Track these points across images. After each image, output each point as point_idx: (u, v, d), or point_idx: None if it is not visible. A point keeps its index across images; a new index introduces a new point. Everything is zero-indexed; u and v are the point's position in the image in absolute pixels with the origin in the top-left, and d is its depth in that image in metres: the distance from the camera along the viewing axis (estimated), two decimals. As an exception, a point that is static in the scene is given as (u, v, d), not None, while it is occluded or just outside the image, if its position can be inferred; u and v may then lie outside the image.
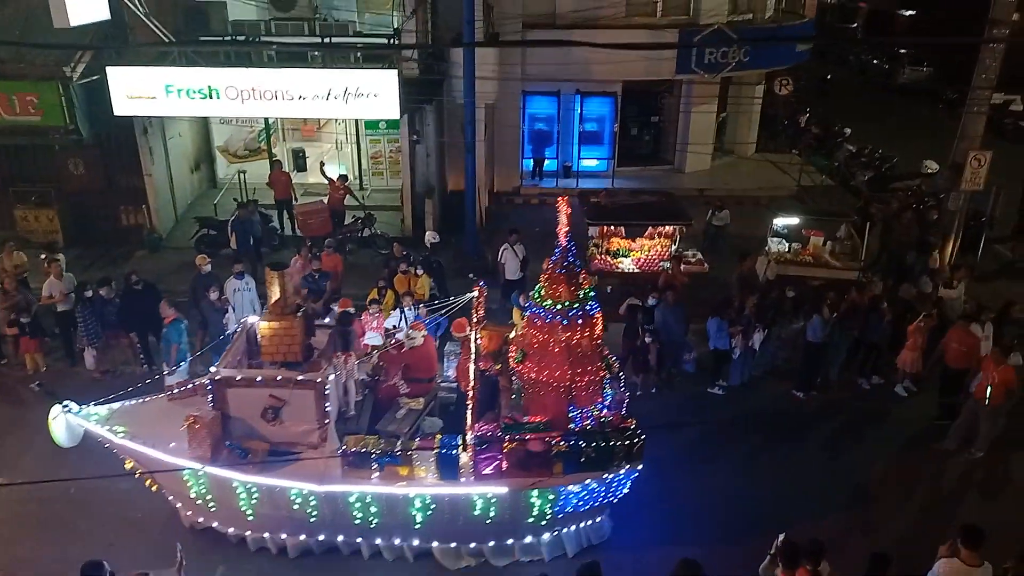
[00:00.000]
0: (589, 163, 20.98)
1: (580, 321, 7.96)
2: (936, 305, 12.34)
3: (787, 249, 15.09)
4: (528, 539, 8.61)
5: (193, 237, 16.09)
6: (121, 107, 14.97)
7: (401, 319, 11.15)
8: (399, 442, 8.30)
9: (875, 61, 37.21)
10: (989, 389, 10.22)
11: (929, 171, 20.01)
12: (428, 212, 16.97)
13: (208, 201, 18.30)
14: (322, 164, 17.85)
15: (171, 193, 17.64)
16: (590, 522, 8.81)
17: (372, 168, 19.65)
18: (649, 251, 14.91)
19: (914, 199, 17.48)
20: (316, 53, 15.50)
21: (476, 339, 8.96)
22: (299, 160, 19.46)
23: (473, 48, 15.30)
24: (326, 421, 8.27)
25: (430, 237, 14.77)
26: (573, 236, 8.10)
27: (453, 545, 8.61)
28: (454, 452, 7.97)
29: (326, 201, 16.88)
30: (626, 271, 14.63)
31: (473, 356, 8.60)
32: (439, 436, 8.36)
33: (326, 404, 8.21)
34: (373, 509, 8.22)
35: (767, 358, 12.57)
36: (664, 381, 12.23)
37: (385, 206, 18.11)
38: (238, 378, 8.19)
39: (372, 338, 10.27)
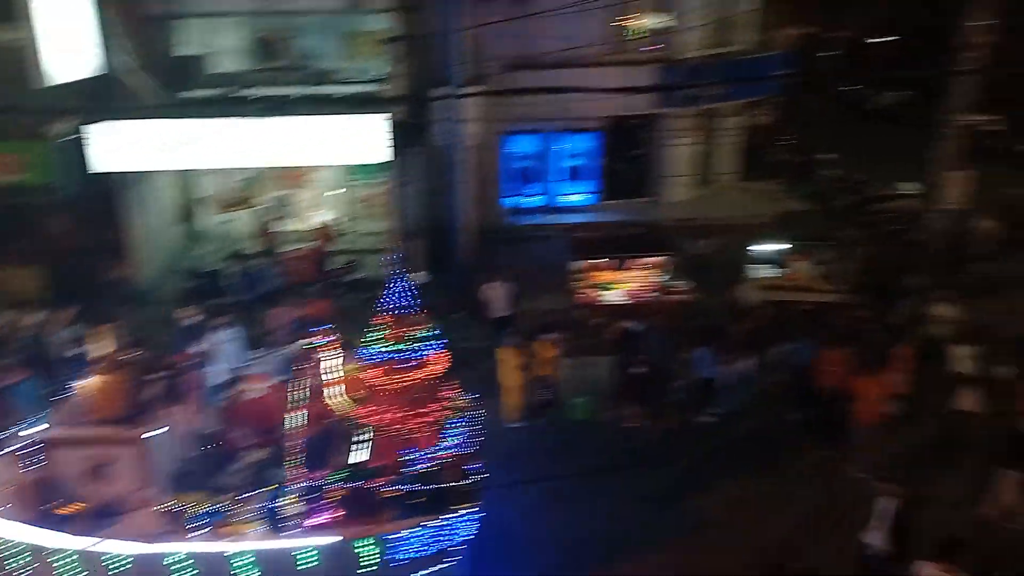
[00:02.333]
0: (574, 198, 21.16)
1: (409, 363, 8.01)
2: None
3: (773, 275, 15.17)
4: None
5: (177, 289, 16.02)
6: (103, 163, 14.99)
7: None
8: (229, 497, 7.87)
9: (858, 88, 37.94)
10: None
11: (902, 192, 20.13)
12: (415, 253, 17.00)
13: (194, 252, 18.27)
14: (308, 213, 17.90)
15: (155, 246, 17.63)
16: (436, 568, 8.12)
17: (358, 212, 19.75)
18: (635, 282, 14.98)
19: (892, 221, 17.70)
20: (303, 101, 15.66)
21: (306, 387, 8.53)
22: (285, 207, 19.56)
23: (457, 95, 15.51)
24: (154, 478, 7.91)
25: (418, 278, 14.77)
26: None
27: None
28: (277, 504, 7.69)
29: (312, 247, 16.93)
30: (612, 303, 14.67)
31: (306, 403, 8.29)
32: (266, 489, 7.97)
33: (154, 461, 7.89)
34: (195, 572, 7.67)
35: (756, 383, 12.51)
36: (655, 411, 12.16)
37: (372, 249, 18.16)
38: (60, 437, 7.86)
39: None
